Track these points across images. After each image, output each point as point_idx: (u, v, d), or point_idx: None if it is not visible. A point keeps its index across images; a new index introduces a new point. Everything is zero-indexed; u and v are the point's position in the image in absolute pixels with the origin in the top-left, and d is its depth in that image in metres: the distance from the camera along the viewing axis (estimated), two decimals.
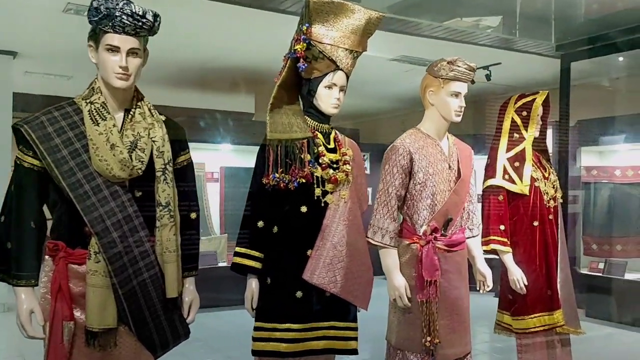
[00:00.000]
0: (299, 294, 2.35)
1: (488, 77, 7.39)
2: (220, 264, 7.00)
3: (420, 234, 2.72)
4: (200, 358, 4.97)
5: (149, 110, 2.13)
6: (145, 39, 2.08)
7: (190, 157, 2.28)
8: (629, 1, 3.11)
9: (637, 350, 5.61)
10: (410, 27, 5.56)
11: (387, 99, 9.37)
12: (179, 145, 2.22)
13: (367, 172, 9.01)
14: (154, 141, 2.09)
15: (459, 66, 2.72)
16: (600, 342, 5.84)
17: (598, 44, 3.58)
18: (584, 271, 7.15)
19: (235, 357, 4.82)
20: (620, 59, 6.08)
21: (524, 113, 3.18)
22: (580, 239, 7.39)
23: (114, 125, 2.02)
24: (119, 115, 2.08)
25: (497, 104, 3.36)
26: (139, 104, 2.12)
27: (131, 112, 2.09)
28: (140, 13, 1.96)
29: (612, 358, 5.33)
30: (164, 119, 2.18)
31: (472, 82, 2.81)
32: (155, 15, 2.02)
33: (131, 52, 2.00)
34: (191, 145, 7.34)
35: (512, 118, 3.21)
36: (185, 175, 2.24)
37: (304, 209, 2.38)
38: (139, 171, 2.02)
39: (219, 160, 7.89)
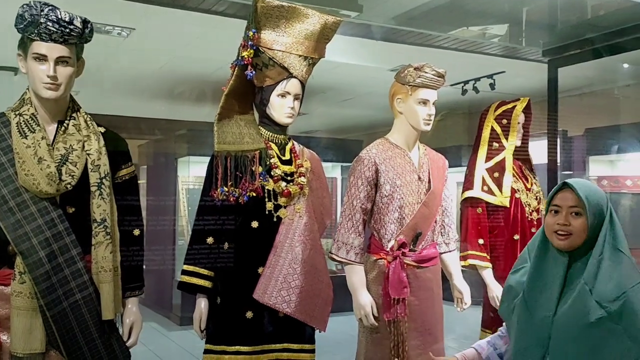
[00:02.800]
0: (249, 314, 2.22)
1: (492, 85, 7.25)
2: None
3: (388, 249, 2.58)
4: None
5: (85, 121, 2.04)
6: (80, 47, 1.99)
7: (133, 171, 2.18)
8: (613, 4, 2.97)
9: None
10: (417, 37, 5.45)
11: (390, 110, 9.24)
12: (120, 158, 2.11)
13: None
14: (88, 154, 1.99)
15: (426, 72, 2.59)
16: None
17: (585, 49, 3.42)
18: None
19: None
20: (626, 65, 5.88)
21: (504, 121, 3.02)
22: None
23: (42, 138, 1.92)
24: (51, 128, 1.99)
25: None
26: (73, 115, 2.03)
27: (64, 124, 2.00)
28: (67, 19, 1.87)
29: None
30: (102, 131, 2.08)
31: (477, 91, 2.67)
32: (85, 22, 1.93)
33: (60, 61, 1.91)
34: (192, 159, 7.23)
35: (492, 126, 3.05)
36: (127, 190, 2.14)
37: (255, 224, 2.26)
38: (69, 186, 1.92)
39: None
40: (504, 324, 2.02)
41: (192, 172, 7.57)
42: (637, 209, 7.10)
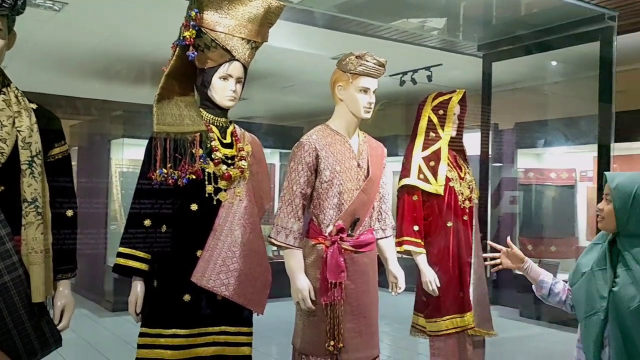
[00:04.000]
0: (186, 297, 2.21)
1: (429, 78, 7.43)
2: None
3: (326, 234, 2.62)
4: None
5: (16, 97, 1.95)
6: (11, 19, 1.90)
7: (67, 150, 2.11)
8: (545, 2, 3.11)
9: (560, 349, 5.69)
10: (358, 26, 5.49)
11: (331, 99, 9.31)
12: (53, 136, 2.04)
13: None
14: (19, 131, 1.91)
15: (367, 61, 2.63)
16: (529, 342, 5.90)
17: (517, 45, 3.56)
18: (519, 272, 7.23)
19: None
20: (554, 63, 6.16)
21: (441, 112, 3.12)
22: (517, 240, 7.48)
23: None
24: None
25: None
26: (3, 90, 1.94)
27: None
28: None
29: (536, 355, 5.39)
30: (34, 108, 2.00)
31: (414, 82, 2.73)
32: None
33: None
34: (127, 141, 7.03)
35: (429, 117, 3.14)
36: (60, 169, 2.07)
37: (194, 207, 2.24)
38: None
39: None
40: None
41: (126, 155, 7.36)
42: (560, 200, 7.49)
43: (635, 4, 3.99)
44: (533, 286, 2.40)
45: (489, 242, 2.49)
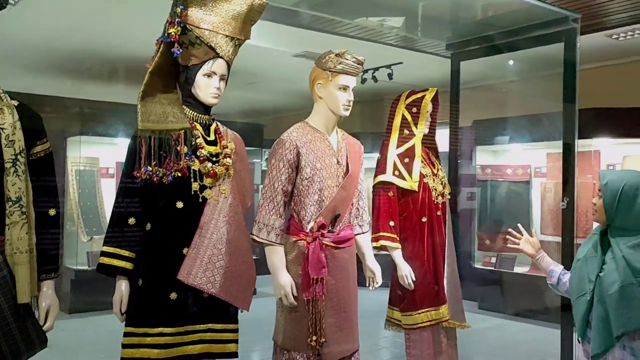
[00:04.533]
0: (173, 295, 2.20)
1: (390, 76, 7.54)
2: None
3: (307, 230, 2.65)
4: None
5: None
6: None
7: (49, 148, 2.07)
8: (512, 4, 3.23)
9: (520, 339, 5.91)
10: (319, 23, 5.52)
11: (293, 96, 9.33)
12: (34, 134, 2.00)
13: None
14: (2, 128, 1.87)
15: (347, 59, 2.67)
16: (489, 333, 6.08)
17: (485, 45, 3.68)
18: (478, 265, 7.45)
19: None
20: (511, 62, 6.36)
21: (414, 110, 3.19)
22: (475, 235, 7.69)
23: None
24: None
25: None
26: None
27: None
28: None
29: (497, 346, 5.58)
30: (16, 104, 1.95)
31: (375, 80, 2.79)
32: None
33: None
34: (84, 139, 6.87)
35: (403, 114, 3.21)
36: (43, 168, 2.03)
37: (179, 204, 2.23)
38: None
39: (114, 155, 7.51)
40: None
41: (83, 153, 7.19)
42: (515, 196, 7.74)
43: (593, 7, 4.18)
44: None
45: (518, 225, 2.73)
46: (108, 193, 7.47)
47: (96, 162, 7.39)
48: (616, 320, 2.17)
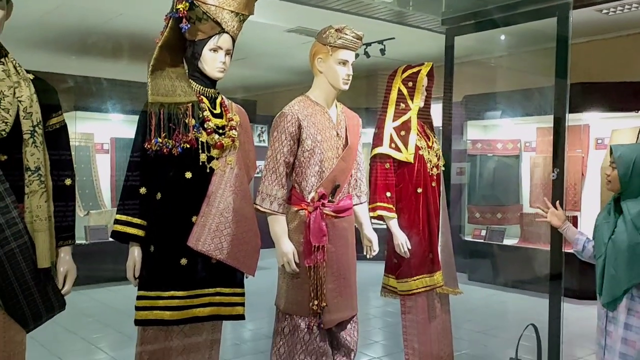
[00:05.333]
0: (183, 261, 2.31)
1: (382, 51, 7.59)
2: (112, 239, 6.75)
3: (309, 200, 2.75)
4: (90, 334, 4.80)
5: (15, 67, 1.98)
6: None
7: (63, 120, 2.15)
8: None
9: (509, 308, 6.12)
10: None
11: (285, 71, 9.37)
12: (50, 107, 2.08)
13: (265, 144, 9.00)
14: (20, 101, 1.94)
15: (346, 34, 2.75)
16: (479, 302, 6.28)
17: (480, 20, 3.76)
18: (468, 238, 7.62)
19: (126, 332, 4.70)
20: (502, 37, 6.43)
21: (410, 84, 3.27)
22: (465, 208, 7.85)
23: None
24: None
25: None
26: (2, 60, 1.96)
27: None
28: None
29: (487, 314, 5.78)
30: (32, 78, 2.03)
31: (368, 55, 2.87)
32: None
33: None
34: (79, 114, 6.90)
35: (399, 88, 3.29)
36: (58, 139, 2.11)
37: (188, 174, 2.32)
38: (3, 133, 1.88)
39: (109, 131, 7.55)
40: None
41: (78, 129, 7.22)
42: (504, 170, 7.89)
43: None
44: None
45: (545, 199, 3.00)
46: (103, 168, 7.54)
47: (91, 137, 7.43)
48: (625, 275, 2.50)
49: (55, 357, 4.17)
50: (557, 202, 2.97)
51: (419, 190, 3.21)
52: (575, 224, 3.21)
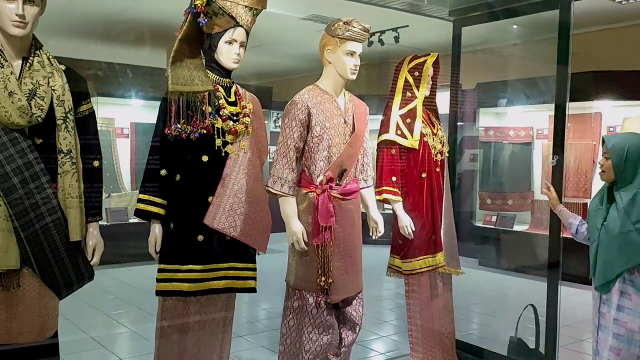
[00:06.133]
0: (200, 237, 2.50)
1: (397, 39, 7.70)
2: (132, 220, 7.01)
3: (317, 183, 2.93)
4: (112, 310, 5.06)
5: (48, 59, 2.17)
6: None
7: (92, 107, 2.35)
8: None
9: (513, 291, 6.27)
10: None
11: (300, 59, 9.51)
12: (80, 95, 2.27)
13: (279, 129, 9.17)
14: (53, 90, 2.14)
15: (354, 27, 2.91)
16: (486, 286, 6.44)
17: (485, 11, 3.89)
18: (479, 224, 7.75)
19: (147, 309, 4.95)
20: (514, 25, 6.51)
21: (416, 73, 3.42)
22: (476, 195, 7.97)
23: (11, 73, 2.05)
24: (17, 64, 2.11)
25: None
26: (37, 52, 2.15)
27: (29, 61, 2.13)
28: None
29: (491, 297, 5.95)
30: (64, 68, 2.22)
31: (382, 43, 3.01)
32: None
33: (28, 0, 2.03)
34: (100, 100, 7.14)
35: (406, 78, 3.44)
36: (87, 125, 2.31)
37: (205, 158, 2.51)
38: (39, 119, 2.08)
39: (129, 116, 7.78)
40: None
41: (99, 114, 7.44)
42: (517, 157, 7.98)
43: None
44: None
45: (544, 181, 3.29)
46: (123, 152, 7.78)
47: (112, 122, 7.67)
48: (617, 260, 2.62)
49: (80, 330, 4.43)
50: (550, 185, 3.14)
51: (424, 175, 3.37)
52: (586, 211, 3.37)
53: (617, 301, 2.67)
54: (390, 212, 3.41)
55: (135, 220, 7.58)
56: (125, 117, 7.77)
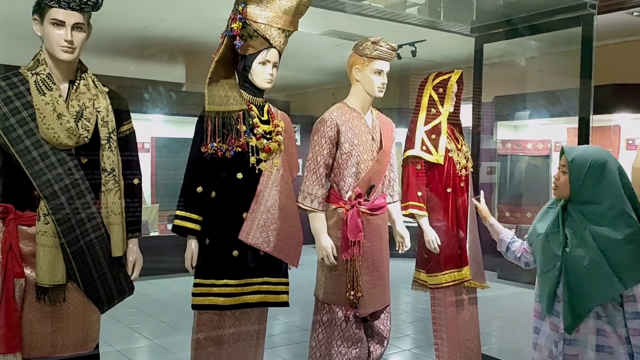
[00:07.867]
0: (235, 252, 2.57)
1: (414, 53, 7.77)
2: (152, 234, 7.11)
3: (346, 199, 2.99)
4: (133, 323, 5.13)
5: (93, 82, 2.26)
6: (89, 14, 2.20)
7: (132, 127, 2.43)
8: None
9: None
10: (340, 4, 5.77)
11: (318, 73, 9.61)
12: (121, 115, 2.36)
13: (298, 143, 9.27)
14: (98, 111, 2.23)
15: (381, 46, 2.98)
16: (506, 300, 6.44)
17: (507, 28, 3.95)
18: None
19: (167, 322, 5.01)
20: (533, 41, 6.56)
21: (441, 90, 3.48)
22: (495, 207, 7.98)
23: (59, 96, 2.14)
24: (64, 86, 2.20)
25: (422, 78, 3.65)
26: (83, 75, 2.25)
27: (76, 84, 2.22)
28: None
29: (513, 310, 5.94)
30: (107, 90, 2.32)
31: (399, 57, 3.08)
32: None
33: (76, 27, 2.13)
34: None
35: (430, 94, 3.50)
36: (128, 143, 2.40)
37: (239, 175, 2.59)
38: (85, 139, 2.17)
39: (149, 131, 7.91)
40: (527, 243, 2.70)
41: None
42: (535, 170, 8.00)
43: None
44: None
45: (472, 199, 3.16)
46: (144, 166, 7.87)
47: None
48: (589, 294, 2.28)
49: (106, 343, 4.50)
50: (479, 197, 3.06)
51: (449, 190, 3.42)
52: None
53: (595, 341, 2.33)
54: (414, 224, 3.46)
55: (156, 233, 7.63)
56: (145, 131, 7.89)
